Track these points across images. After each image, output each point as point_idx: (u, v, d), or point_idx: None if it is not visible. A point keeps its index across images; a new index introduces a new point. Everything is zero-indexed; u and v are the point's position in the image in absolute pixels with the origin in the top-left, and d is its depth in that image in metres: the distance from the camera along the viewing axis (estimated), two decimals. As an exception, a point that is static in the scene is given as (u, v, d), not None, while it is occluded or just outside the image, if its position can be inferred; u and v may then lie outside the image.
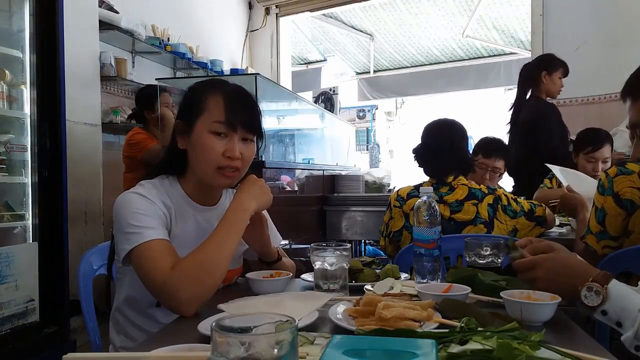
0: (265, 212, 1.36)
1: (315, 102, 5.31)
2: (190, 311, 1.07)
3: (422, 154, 1.99)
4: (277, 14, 6.33)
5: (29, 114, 2.40)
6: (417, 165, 2.02)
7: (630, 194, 1.39)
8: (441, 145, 1.93)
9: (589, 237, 1.49)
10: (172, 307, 1.09)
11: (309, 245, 1.20)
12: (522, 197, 2.10)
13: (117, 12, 3.77)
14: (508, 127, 3.32)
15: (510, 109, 3.30)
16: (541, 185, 2.82)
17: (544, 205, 1.99)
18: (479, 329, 0.80)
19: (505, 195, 1.92)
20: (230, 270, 1.34)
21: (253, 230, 1.31)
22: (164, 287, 1.08)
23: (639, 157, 1.30)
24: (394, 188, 4.58)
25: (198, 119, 1.22)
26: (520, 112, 3.23)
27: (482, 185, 1.95)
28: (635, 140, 1.30)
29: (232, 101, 1.23)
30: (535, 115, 3.13)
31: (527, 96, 3.28)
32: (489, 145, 2.65)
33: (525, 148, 3.13)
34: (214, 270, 1.10)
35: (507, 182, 3.78)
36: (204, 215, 1.29)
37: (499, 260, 1.24)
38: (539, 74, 3.22)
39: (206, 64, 4.94)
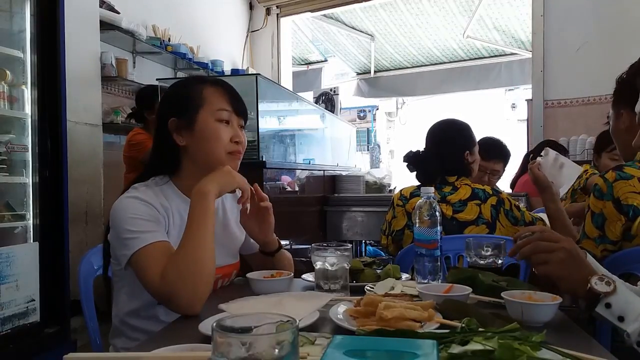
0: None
1: (316, 102, 5.30)
2: (194, 311, 1.07)
3: (421, 159, 1.98)
4: (277, 14, 6.33)
5: (29, 114, 2.40)
6: (410, 170, 2.00)
7: (633, 200, 1.38)
8: (444, 149, 1.94)
9: (586, 242, 1.48)
10: (175, 311, 1.09)
11: (309, 246, 1.20)
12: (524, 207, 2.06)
13: (118, 13, 3.77)
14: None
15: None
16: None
17: (544, 219, 1.97)
18: (480, 329, 0.80)
19: (509, 201, 1.90)
20: (228, 265, 1.35)
21: (259, 217, 1.32)
22: (160, 294, 1.10)
23: None
24: (395, 188, 4.57)
25: (199, 110, 1.25)
26: None
27: (485, 186, 1.94)
28: None
29: (228, 90, 1.30)
30: None
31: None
32: (489, 147, 2.63)
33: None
34: (200, 265, 1.10)
35: (505, 183, 3.77)
36: None
37: (500, 260, 1.24)
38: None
39: (207, 64, 4.94)
